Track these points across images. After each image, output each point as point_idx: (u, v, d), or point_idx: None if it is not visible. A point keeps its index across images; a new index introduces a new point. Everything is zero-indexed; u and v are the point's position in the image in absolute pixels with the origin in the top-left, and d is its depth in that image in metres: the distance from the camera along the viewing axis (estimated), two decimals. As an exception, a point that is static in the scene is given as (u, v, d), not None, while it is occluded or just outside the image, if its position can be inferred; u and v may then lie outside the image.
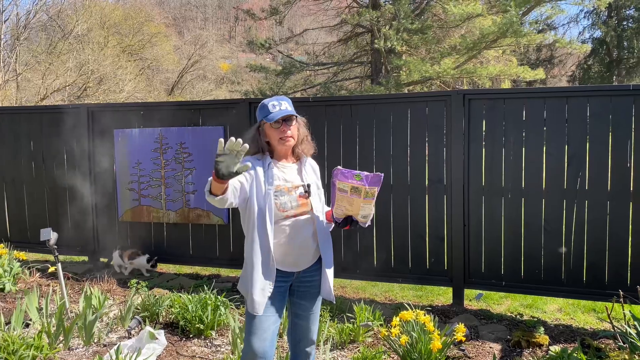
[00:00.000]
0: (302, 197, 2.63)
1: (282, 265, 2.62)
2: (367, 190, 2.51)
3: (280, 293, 2.64)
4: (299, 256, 2.64)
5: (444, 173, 4.87)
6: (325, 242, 2.70)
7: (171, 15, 54.54)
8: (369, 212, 2.58)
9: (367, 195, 2.52)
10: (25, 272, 5.60)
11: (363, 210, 2.56)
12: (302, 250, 2.64)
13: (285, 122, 2.57)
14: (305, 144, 2.68)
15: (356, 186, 2.51)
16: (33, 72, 21.68)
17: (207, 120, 5.70)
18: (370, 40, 20.84)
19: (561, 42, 21.39)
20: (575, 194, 4.45)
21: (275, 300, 2.62)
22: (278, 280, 2.61)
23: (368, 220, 2.61)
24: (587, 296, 4.53)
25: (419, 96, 5.21)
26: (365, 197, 2.52)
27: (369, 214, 2.58)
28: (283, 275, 2.63)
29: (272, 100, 2.62)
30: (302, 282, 2.70)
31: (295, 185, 2.63)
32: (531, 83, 21.52)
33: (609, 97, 4.35)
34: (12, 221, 6.67)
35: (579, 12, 30.38)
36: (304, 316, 2.76)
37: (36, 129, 6.43)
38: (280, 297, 2.64)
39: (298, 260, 2.65)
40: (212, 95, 34.57)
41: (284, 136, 2.57)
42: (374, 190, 2.51)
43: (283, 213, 2.58)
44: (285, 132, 2.57)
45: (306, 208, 2.63)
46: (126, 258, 5.89)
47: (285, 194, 2.59)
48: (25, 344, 3.56)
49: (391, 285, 5.44)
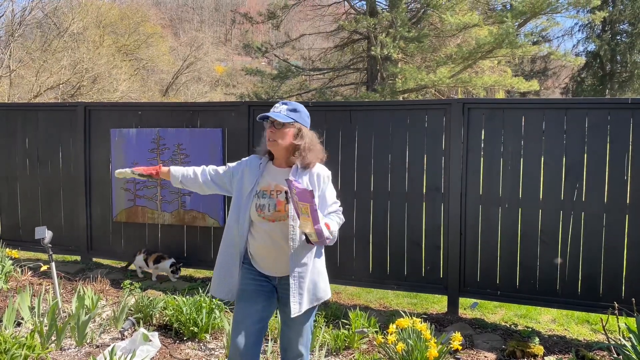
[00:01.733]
0: (281, 204, 2.57)
1: (261, 267, 2.64)
2: (300, 206, 2.37)
3: (265, 292, 2.63)
4: (275, 261, 2.61)
5: (441, 181, 4.88)
6: (301, 253, 2.57)
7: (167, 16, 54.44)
8: (308, 229, 2.38)
9: (302, 211, 2.37)
10: (17, 271, 5.53)
11: (303, 226, 2.42)
12: (276, 256, 2.59)
13: (273, 124, 2.57)
14: (308, 152, 2.61)
15: (296, 200, 2.38)
16: (27, 69, 21.49)
17: (205, 122, 5.67)
18: (366, 47, 20.93)
19: (556, 54, 21.58)
20: (572, 205, 4.48)
21: (260, 299, 2.60)
22: (259, 279, 2.64)
23: (316, 239, 2.41)
24: (582, 307, 4.54)
25: (418, 104, 5.23)
26: (302, 213, 2.38)
27: (310, 232, 2.39)
28: (266, 277, 2.65)
29: (278, 103, 2.66)
30: (284, 290, 2.62)
31: (280, 190, 2.60)
32: (525, 94, 21.67)
33: (608, 110, 4.39)
34: (5, 219, 6.60)
35: (574, 25, 30.52)
36: (292, 327, 2.71)
37: (32, 127, 6.37)
38: (265, 296, 2.63)
39: (274, 266, 2.62)
40: (207, 97, 34.48)
41: (269, 137, 2.59)
42: (307, 206, 2.31)
43: (260, 214, 2.57)
44: (270, 133, 2.58)
45: (282, 214, 2.56)
46: (151, 262, 5.67)
47: (267, 197, 2.59)
48: (17, 343, 3.50)
49: (386, 292, 5.44)
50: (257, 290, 2.61)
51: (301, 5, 22.65)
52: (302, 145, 2.59)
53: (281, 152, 2.62)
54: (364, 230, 5.13)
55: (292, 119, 2.57)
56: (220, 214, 5.55)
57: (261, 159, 2.71)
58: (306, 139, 2.61)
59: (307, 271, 2.58)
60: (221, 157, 5.52)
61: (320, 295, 2.67)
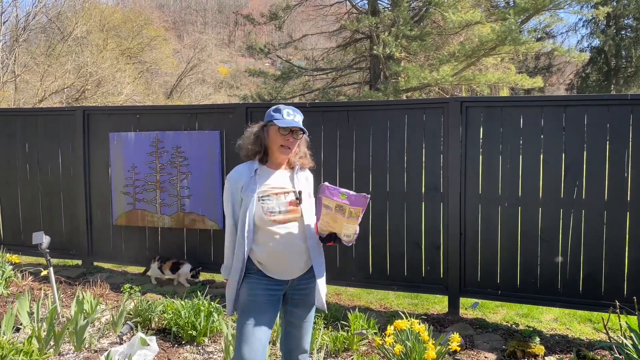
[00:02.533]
0: (293, 204, 2.60)
1: (274, 273, 2.60)
2: (350, 210, 2.46)
3: (273, 302, 2.61)
4: (291, 263, 2.61)
5: (440, 181, 4.85)
6: (316, 250, 2.67)
7: (171, 18, 54.61)
8: (352, 231, 2.54)
9: (350, 214, 2.47)
10: (17, 276, 5.54)
11: (346, 229, 2.52)
12: (293, 258, 2.60)
13: (292, 133, 2.59)
14: (304, 159, 2.72)
15: (340, 204, 2.47)
16: (31, 74, 21.63)
17: (203, 124, 5.67)
18: (369, 47, 20.91)
19: (559, 50, 21.46)
20: (572, 203, 4.43)
21: (268, 309, 2.59)
22: (270, 289, 2.60)
23: (352, 239, 2.57)
24: (583, 306, 4.49)
25: (416, 103, 5.19)
26: (349, 216, 2.48)
27: (352, 233, 2.55)
28: (276, 283, 2.61)
29: (287, 108, 2.64)
30: (297, 290, 2.66)
31: (286, 191, 2.62)
32: (529, 91, 21.56)
33: (607, 107, 4.33)
34: (6, 224, 6.62)
35: (578, 20, 30.40)
36: (298, 325, 2.73)
37: (31, 131, 6.39)
38: (272, 306, 2.61)
39: (290, 268, 2.62)
40: (211, 99, 34.59)
41: (286, 145, 2.59)
42: (359, 210, 2.46)
43: (270, 217, 2.55)
44: (288, 141, 2.59)
45: (296, 214, 2.60)
46: (167, 269, 5.57)
47: (274, 199, 2.58)
48: (14, 349, 3.51)
49: (386, 293, 5.41)
50: (266, 302, 2.59)
51: (303, 5, 22.68)
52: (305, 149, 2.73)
53: (286, 158, 2.67)
54: (363, 230, 5.09)
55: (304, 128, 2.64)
56: (219, 216, 5.53)
57: (248, 168, 2.64)
58: (304, 147, 2.73)
59: (323, 266, 2.69)
60: (220, 159, 5.51)
61: (325, 290, 2.77)
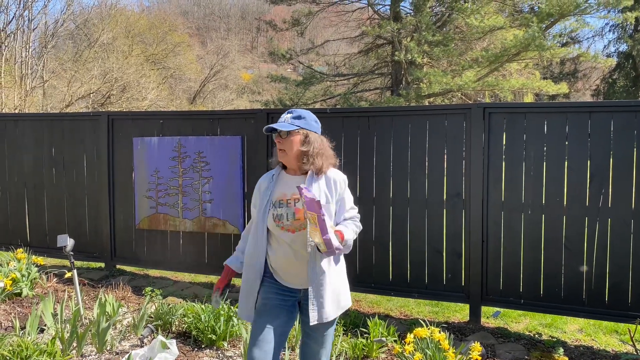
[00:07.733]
0: (301, 211, 2.52)
1: (283, 280, 2.59)
2: (308, 215, 2.31)
3: (287, 307, 2.59)
4: (299, 273, 2.56)
5: (462, 187, 4.80)
6: (319, 259, 2.52)
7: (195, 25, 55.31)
8: (317, 239, 2.32)
9: (309, 220, 2.32)
10: (42, 278, 5.64)
11: (312, 235, 2.37)
12: (301, 268, 2.54)
13: (279, 134, 2.57)
14: (317, 157, 2.57)
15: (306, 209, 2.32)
16: (59, 79, 22.11)
17: (225, 130, 5.71)
18: (391, 52, 20.86)
19: (585, 55, 21.08)
20: (597, 210, 4.34)
21: (281, 313, 2.57)
22: (283, 294, 2.59)
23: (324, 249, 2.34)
24: (609, 317, 4.39)
25: (438, 109, 5.14)
26: (310, 222, 2.33)
27: (320, 242, 2.32)
28: (290, 290, 2.60)
29: (287, 111, 2.65)
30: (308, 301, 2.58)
31: (296, 198, 2.56)
32: (554, 97, 21.25)
33: (634, 113, 4.24)
34: (32, 226, 6.75)
35: (605, 25, 29.82)
36: (313, 337, 2.70)
37: (58, 136, 6.52)
38: (286, 311, 2.59)
39: (299, 278, 2.57)
40: (233, 104, 34.89)
41: (278, 147, 2.59)
42: (314, 216, 2.25)
43: (279, 224, 2.54)
44: (279, 143, 2.58)
45: (303, 222, 2.50)
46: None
47: (284, 206, 2.56)
48: (38, 350, 3.57)
49: (407, 300, 5.36)
50: (279, 305, 2.57)
51: (325, 11, 22.73)
52: (309, 151, 2.55)
53: (292, 161, 2.59)
54: (383, 237, 5.07)
55: (297, 126, 2.56)
56: (241, 221, 5.56)
57: (275, 170, 2.70)
58: (314, 144, 2.57)
59: (325, 279, 2.53)
60: (241, 164, 5.54)
61: (343, 303, 2.66)
